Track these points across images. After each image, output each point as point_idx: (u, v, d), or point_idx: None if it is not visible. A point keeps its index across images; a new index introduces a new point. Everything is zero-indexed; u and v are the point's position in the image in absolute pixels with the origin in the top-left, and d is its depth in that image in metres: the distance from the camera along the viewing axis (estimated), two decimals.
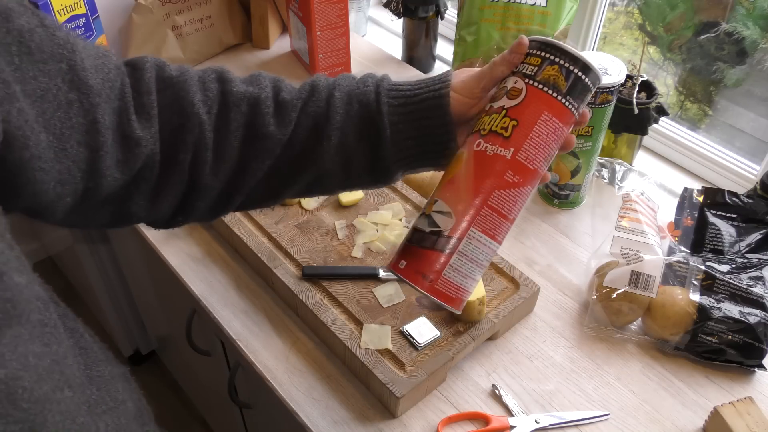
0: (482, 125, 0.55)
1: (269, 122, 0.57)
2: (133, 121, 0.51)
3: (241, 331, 0.86)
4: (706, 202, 0.95)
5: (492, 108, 0.55)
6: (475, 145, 0.54)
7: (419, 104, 0.57)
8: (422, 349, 0.78)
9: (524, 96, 0.54)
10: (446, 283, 0.53)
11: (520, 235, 1.00)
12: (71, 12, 1.04)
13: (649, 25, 1.32)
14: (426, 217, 0.55)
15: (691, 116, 1.31)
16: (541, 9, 1.02)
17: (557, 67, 0.54)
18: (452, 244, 0.53)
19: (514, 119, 0.53)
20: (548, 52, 0.54)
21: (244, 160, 0.57)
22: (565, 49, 0.54)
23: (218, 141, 0.56)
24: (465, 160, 0.54)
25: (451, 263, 0.53)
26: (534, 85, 0.54)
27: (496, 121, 0.54)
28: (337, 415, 0.77)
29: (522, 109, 0.54)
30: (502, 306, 0.84)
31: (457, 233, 0.53)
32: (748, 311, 0.81)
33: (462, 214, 0.53)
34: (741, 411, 0.74)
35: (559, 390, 0.81)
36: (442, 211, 0.54)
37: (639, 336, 0.86)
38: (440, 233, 0.53)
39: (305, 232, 0.93)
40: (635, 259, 0.84)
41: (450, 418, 0.77)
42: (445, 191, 0.55)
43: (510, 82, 0.55)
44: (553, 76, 0.54)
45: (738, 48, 1.15)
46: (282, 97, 0.58)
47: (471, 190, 0.53)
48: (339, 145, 0.58)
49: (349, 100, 0.58)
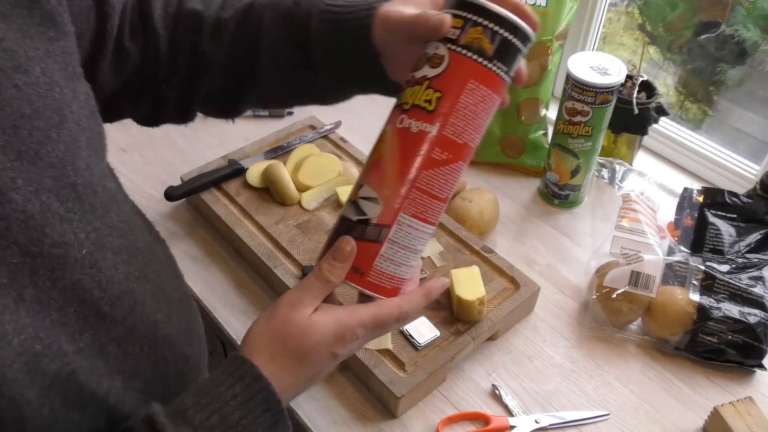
0: (404, 98, 0.49)
1: (207, 41, 0.61)
2: (126, 32, 0.59)
3: (241, 331, 0.86)
4: (706, 202, 0.95)
5: (413, 78, 0.49)
6: (398, 122, 0.48)
7: (346, 32, 0.55)
8: (422, 349, 0.78)
9: (447, 64, 0.47)
10: (379, 274, 0.49)
11: (520, 235, 1.00)
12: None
13: (649, 25, 1.32)
14: (352, 204, 0.50)
15: (691, 116, 1.31)
16: (541, 9, 1.02)
17: (480, 28, 0.47)
18: (382, 233, 0.48)
19: (438, 90, 0.47)
20: (470, 11, 0.47)
21: (191, 75, 0.62)
22: (488, 7, 0.47)
23: (170, 55, 0.61)
24: (389, 140, 0.49)
25: (381, 253, 0.49)
26: (456, 50, 0.47)
27: (418, 94, 0.48)
28: (337, 415, 0.77)
29: (445, 78, 0.47)
30: (502, 306, 0.84)
31: (386, 220, 0.48)
32: (748, 311, 0.81)
33: (389, 199, 0.48)
34: (741, 411, 0.74)
35: (559, 390, 0.81)
36: (369, 197, 0.48)
37: (639, 336, 0.86)
38: (368, 221, 0.48)
39: (305, 232, 0.93)
40: (635, 259, 0.84)
41: (450, 418, 0.77)
42: (370, 175, 0.49)
43: (431, 48, 0.49)
44: (476, 39, 0.47)
45: (738, 48, 1.16)
46: (221, 16, 0.61)
47: (397, 173, 0.48)
48: (272, 69, 0.60)
49: (277, 20, 0.59)
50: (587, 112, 0.92)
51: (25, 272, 0.41)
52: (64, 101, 0.44)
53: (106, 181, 0.49)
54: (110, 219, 0.48)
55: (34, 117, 0.42)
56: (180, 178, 1.01)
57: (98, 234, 0.46)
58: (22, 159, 0.41)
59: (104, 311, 0.46)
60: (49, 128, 0.43)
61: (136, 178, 1.07)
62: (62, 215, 0.43)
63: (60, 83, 0.45)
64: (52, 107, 0.43)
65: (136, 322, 0.49)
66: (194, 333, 0.60)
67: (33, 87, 0.42)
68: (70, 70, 0.46)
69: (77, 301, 0.44)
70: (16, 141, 0.40)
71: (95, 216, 0.46)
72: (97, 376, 0.46)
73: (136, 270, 0.50)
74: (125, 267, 0.49)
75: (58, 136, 0.43)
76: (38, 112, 0.42)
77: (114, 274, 0.47)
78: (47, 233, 0.42)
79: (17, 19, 0.42)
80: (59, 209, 0.43)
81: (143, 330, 0.50)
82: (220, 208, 0.96)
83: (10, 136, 0.40)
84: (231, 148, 1.11)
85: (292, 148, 1.06)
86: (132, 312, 0.48)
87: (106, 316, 0.46)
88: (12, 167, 0.40)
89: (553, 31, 1.03)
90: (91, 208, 0.46)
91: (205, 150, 1.13)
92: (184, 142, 1.15)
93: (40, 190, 0.42)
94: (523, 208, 1.05)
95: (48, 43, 0.45)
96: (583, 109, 0.92)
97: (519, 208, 1.05)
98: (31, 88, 0.42)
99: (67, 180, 0.44)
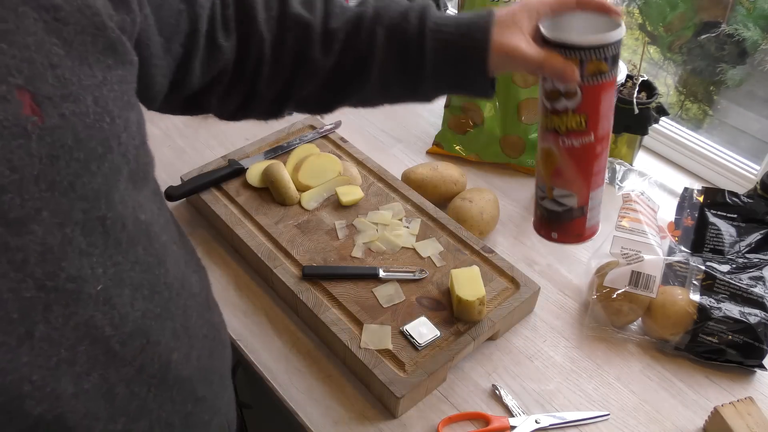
0: (556, 125, 0.62)
1: (316, 49, 0.62)
2: (219, 30, 0.59)
3: (241, 331, 0.86)
4: (706, 202, 0.95)
5: (556, 109, 0.61)
6: (561, 143, 0.63)
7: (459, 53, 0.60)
8: (422, 349, 0.78)
9: (581, 95, 0.60)
10: (591, 228, 0.69)
11: (520, 235, 1.00)
12: None
13: (650, 25, 1.32)
14: (553, 201, 0.67)
15: (692, 116, 1.31)
16: None
17: (595, 59, 0.58)
18: (582, 209, 0.67)
19: (582, 114, 0.61)
20: (582, 51, 0.58)
21: (294, 77, 0.63)
22: (595, 43, 0.57)
23: (275, 57, 0.62)
24: (559, 155, 0.64)
25: (587, 218, 0.67)
26: (585, 83, 0.59)
27: (567, 122, 0.62)
28: (337, 415, 0.77)
29: (584, 104, 0.60)
30: (502, 306, 0.84)
31: (582, 202, 0.66)
32: (749, 311, 0.81)
33: (581, 189, 0.65)
34: (741, 411, 0.74)
35: (560, 390, 0.81)
36: (563, 194, 0.66)
37: (639, 336, 0.86)
38: (571, 209, 0.66)
39: (305, 232, 0.93)
40: (635, 259, 0.84)
41: (450, 418, 0.77)
42: (555, 179, 0.65)
43: (561, 85, 0.60)
44: (596, 67, 0.59)
45: (738, 48, 1.15)
46: (330, 25, 0.62)
47: (580, 173, 0.64)
48: (379, 79, 0.63)
49: (390, 37, 0.61)
50: None
51: (38, 308, 0.40)
52: (113, 132, 0.43)
53: (140, 213, 0.48)
54: (135, 253, 0.47)
55: (75, 148, 0.40)
56: (180, 178, 1.01)
57: (117, 269, 0.45)
58: (54, 190, 0.40)
59: (115, 350, 0.45)
60: (89, 160, 0.41)
61: None
62: (83, 249, 0.42)
63: (113, 113, 0.44)
64: (98, 138, 0.42)
65: (145, 361, 0.47)
66: (215, 372, 0.58)
67: (80, 117, 0.41)
68: (125, 99, 0.46)
69: (89, 340, 0.43)
70: (52, 171, 0.39)
71: (118, 250, 0.45)
72: (92, 420, 0.44)
73: (158, 306, 0.49)
74: (144, 303, 0.47)
75: (98, 168, 0.42)
76: (81, 143, 0.41)
77: (129, 312, 0.46)
78: (64, 267, 0.41)
79: (79, 46, 0.42)
80: (81, 243, 0.42)
81: (152, 370, 0.48)
82: (220, 208, 0.96)
83: (46, 165, 0.39)
84: (231, 148, 1.11)
85: (292, 148, 1.06)
86: (143, 351, 0.47)
87: (116, 355, 0.45)
88: (41, 198, 0.39)
89: None
90: (116, 242, 0.45)
91: (205, 150, 1.13)
92: (184, 142, 1.15)
93: (65, 223, 0.41)
94: (523, 208, 1.05)
95: (106, 71, 0.44)
96: None
97: (519, 208, 1.05)
98: (78, 117, 0.41)
99: (97, 213, 0.43)
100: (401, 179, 1.03)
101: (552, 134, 0.63)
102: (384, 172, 1.02)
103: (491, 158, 1.11)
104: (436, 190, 1.01)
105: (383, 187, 1.00)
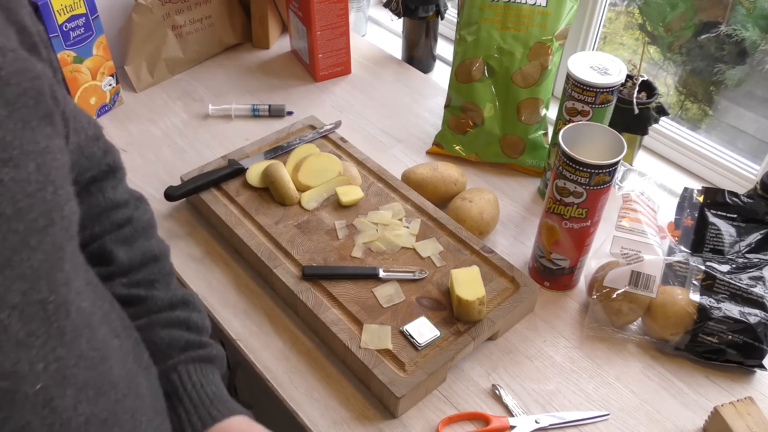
0: (562, 212, 0.83)
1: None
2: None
3: (241, 331, 0.86)
4: (706, 202, 0.95)
5: (564, 201, 0.82)
6: (564, 225, 0.84)
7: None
8: (422, 349, 0.78)
9: (586, 195, 0.80)
10: (575, 281, 0.92)
11: (520, 235, 1.00)
12: (71, 12, 1.04)
13: (649, 25, 1.32)
14: (550, 260, 0.89)
15: (692, 116, 1.31)
16: (541, 9, 1.02)
17: (601, 174, 0.78)
18: (572, 269, 0.89)
19: (585, 208, 0.82)
20: (592, 168, 0.77)
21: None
22: (600, 164, 0.77)
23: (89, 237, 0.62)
24: (561, 232, 0.85)
25: (575, 275, 0.91)
26: (591, 188, 0.80)
27: (572, 211, 0.82)
28: (337, 415, 0.77)
29: (588, 202, 0.81)
30: (502, 306, 0.84)
31: (573, 264, 0.89)
32: (749, 311, 0.81)
33: (572, 255, 0.87)
34: (741, 411, 0.74)
35: (559, 390, 0.81)
36: (559, 258, 0.88)
37: (639, 336, 0.86)
38: (564, 268, 0.89)
39: (305, 232, 0.93)
40: (635, 259, 0.84)
41: (450, 418, 0.77)
42: (554, 247, 0.87)
43: (571, 187, 0.80)
44: (601, 179, 0.79)
45: (738, 48, 1.15)
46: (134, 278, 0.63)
47: (573, 246, 0.86)
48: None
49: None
50: (587, 112, 0.92)
51: None
52: (56, 203, 0.39)
53: (82, 300, 0.43)
54: (79, 346, 0.41)
55: (14, 218, 0.36)
56: (180, 178, 1.01)
57: (60, 364, 0.39)
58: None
59: None
60: (29, 233, 0.37)
61: (136, 178, 1.07)
62: (20, 339, 0.36)
63: (55, 182, 0.40)
64: (39, 209, 0.38)
65: None
66: None
67: (21, 184, 0.37)
68: (66, 170, 0.42)
69: None
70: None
71: (61, 342, 0.39)
72: None
73: (104, 410, 0.43)
74: (89, 406, 0.41)
75: (38, 243, 0.37)
76: (21, 213, 0.36)
77: (72, 416, 0.39)
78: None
79: (21, 108, 0.38)
80: (18, 332, 0.36)
81: None
82: (220, 208, 0.96)
83: None
84: (231, 148, 1.11)
85: (292, 148, 1.06)
86: None
87: None
88: None
89: (553, 31, 1.03)
90: (59, 331, 0.39)
91: (205, 150, 1.13)
92: (184, 142, 1.15)
93: (0, 307, 0.35)
94: (523, 208, 1.05)
95: (48, 139, 0.40)
96: (584, 109, 0.92)
97: (519, 208, 1.05)
98: (19, 185, 0.37)
99: (38, 296, 0.37)
100: (401, 179, 1.03)
101: (557, 217, 0.84)
102: (384, 172, 1.02)
103: (491, 158, 1.11)
104: (436, 190, 1.01)
105: (383, 187, 1.00)
